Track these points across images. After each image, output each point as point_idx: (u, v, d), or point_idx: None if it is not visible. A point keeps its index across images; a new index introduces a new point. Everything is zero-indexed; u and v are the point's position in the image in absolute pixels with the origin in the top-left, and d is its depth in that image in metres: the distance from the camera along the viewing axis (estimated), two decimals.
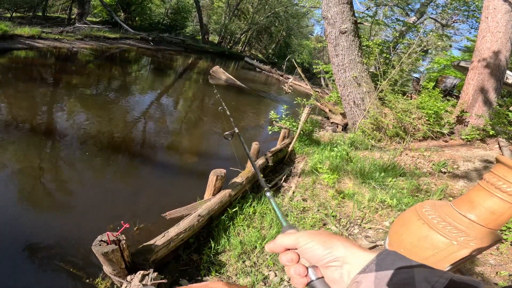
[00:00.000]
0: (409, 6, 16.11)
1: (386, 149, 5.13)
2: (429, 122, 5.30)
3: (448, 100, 5.79)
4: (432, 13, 15.65)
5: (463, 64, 9.88)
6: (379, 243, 2.57)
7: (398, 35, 12.87)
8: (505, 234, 2.55)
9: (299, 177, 3.80)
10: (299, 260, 0.47)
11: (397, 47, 9.49)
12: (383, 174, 3.75)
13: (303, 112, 4.16)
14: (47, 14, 15.30)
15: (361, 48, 5.91)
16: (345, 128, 6.98)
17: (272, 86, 14.75)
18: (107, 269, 1.70)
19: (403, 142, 5.13)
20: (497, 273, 2.24)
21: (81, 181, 3.05)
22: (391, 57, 7.82)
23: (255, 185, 3.35)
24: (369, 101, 5.76)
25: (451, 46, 18.49)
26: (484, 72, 5.33)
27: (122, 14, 18.59)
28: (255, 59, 22.56)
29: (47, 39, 10.13)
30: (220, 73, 11.09)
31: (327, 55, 22.54)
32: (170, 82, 9.79)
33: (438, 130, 5.36)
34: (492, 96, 5.36)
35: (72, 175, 3.11)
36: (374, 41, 6.91)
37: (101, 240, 1.60)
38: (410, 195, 3.45)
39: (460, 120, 5.60)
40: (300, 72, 8.72)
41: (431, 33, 10.21)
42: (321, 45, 32.88)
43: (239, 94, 9.88)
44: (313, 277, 0.45)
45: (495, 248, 2.47)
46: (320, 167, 3.61)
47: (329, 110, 7.88)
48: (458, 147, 5.09)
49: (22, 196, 2.63)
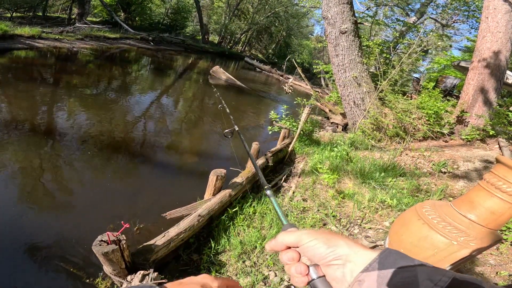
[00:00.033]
0: (409, 6, 16.12)
1: (386, 149, 5.13)
2: (429, 122, 5.29)
3: (448, 100, 5.79)
4: (432, 13, 15.66)
5: (463, 64, 9.88)
6: (379, 243, 2.57)
7: (398, 35, 12.87)
8: (505, 234, 2.55)
9: (299, 177, 3.80)
10: (300, 258, 0.47)
11: (397, 47, 9.48)
12: (383, 174, 3.75)
13: (303, 112, 4.16)
14: (47, 14, 15.31)
15: (361, 48, 5.91)
16: (345, 128, 6.98)
17: (272, 86, 14.75)
18: (107, 269, 1.70)
19: (403, 142, 5.13)
20: (497, 273, 2.24)
21: (81, 181, 3.05)
22: (391, 57, 7.82)
23: (255, 185, 3.35)
24: (369, 101, 5.76)
25: (451, 46, 18.50)
26: (484, 72, 5.33)
27: (122, 14, 18.60)
28: (255, 59, 22.57)
29: (47, 39, 10.14)
30: (220, 73, 11.09)
31: (327, 55, 22.53)
32: (170, 82, 9.79)
33: (438, 130, 5.36)
34: (492, 96, 5.36)
35: (72, 175, 3.11)
36: (374, 41, 6.91)
37: (102, 240, 1.60)
38: (410, 195, 3.45)
39: (460, 120, 5.60)
40: (300, 72, 8.71)
41: (431, 33, 10.21)
42: (321, 45, 32.87)
43: (239, 94, 9.88)
44: (314, 276, 0.44)
45: (495, 248, 2.47)
46: (320, 167, 3.62)
47: (329, 110, 7.88)
48: (458, 147, 5.09)
49: (22, 196, 2.63)
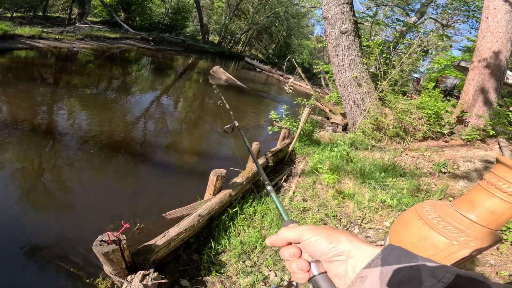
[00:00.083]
0: (410, 6, 16.11)
1: (386, 149, 5.13)
2: (429, 122, 5.29)
3: (448, 100, 5.78)
4: (433, 13, 15.65)
5: (463, 64, 9.88)
6: (379, 243, 2.57)
7: (399, 35, 12.86)
8: (505, 234, 2.55)
9: (299, 177, 3.80)
10: (302, 254, 0.46)
11: (397, 47, 9.48)
12: (383, 174, 3.75)
13: (303, 112, 4.16)
14: (48, 14, 15.32)
15: (362, 48, 5.91)
16: (345, 128, 6.98)
17: (272, 86, 14.75)
18: (107, 269, 1.70)
19: (403, 142, 5.12)
20: (497, 273, 2.24)
21: (81, 180, 3.05)
22: (391, 57, 7.81)
23: (255, 185, 3.35)
24: (369, 101, 5.76)
25: (451, 46, 18.48)
26: (484, 72, 5.33)
27: (123, 14, 18.60)
28: (255, 59, 22.57)
29: (48, 39, 10.14)
30: (220, 73, 11.09)
31: (327, 55, 22.52)
32: (170, 82, 9.79)
33: (438, 130, 5.35)
34: (493, 96, 5.36)
35: (73, 174, 3.11)
36: (375, 41, 6.91)
37: (102, 240, 1.60)
38: (410, 195, 3.45)
39: (460, 120, 5.60)
40: (300, 72, 8.71)
41: (431, 33, 10.20)
42: (321, 45, 32.86)
43: (239, 94, 9.88)
44: (316, 272, 0.44)
45: (495, 248, 2.47)
46: (320, 167, 3.62)
47: (329, 110, 7.88)
48: (458, 147, 5.09)
49: (23, 196, 2.63)
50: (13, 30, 9.05)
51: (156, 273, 1.70)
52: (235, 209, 2.71)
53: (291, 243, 0.48)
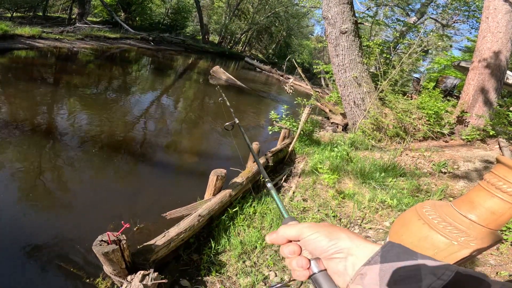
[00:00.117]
0: (410, 6, 16.11)
1: (386, 149, 5.13)
2: (429, 122, 5.29)
3: (448, 100, 5.78)
4: (433, 13, 15.65)
5: (463, 64, 9.88)
6: (380, 243, 2.57)
7: (399, 35, 12.86)
8: (505, 235, 2.55)
9: (299, 177, 3.80)
10: (301, 252, 0.46)
11: (397, 47, 9.48)
12: (383, 174, 3.75)
13: (303, 112, 4.16)
14: (48, 14, 15.32)
15: (362, 48, 5.91)
16: (345, 128, 6.98)
17: (272, 86, 14.75)
18: (107, 269, 1.70)
19: (403, 142, 5.12)
20: (497, 273, 2.24)
21: (81, 180, 3.05)
22: (391, 57, 7.81)
23: (256, 185, 3.35)
24: (370, 101, 5.76)
25: (451, 46, 18.49)
26: (484, 72, 5.33)
27: (123, 14, 18.60)
28: (255, 59, 22.57)
29: (48, 39, 10.14)
30: (220, 73, 11.09)
31: (327, 55, 22.53)
32: (171, 82, 9.79)
33: (439, 130, 5.35)
34: (493, 96, 5.36)
35: (73, 174, 3.11)
36: (375, 41, 6.91)
37: (102, 240, 1.60)
38: (411, 195, 3.45)
39: (461, 120, 5.60)
40: (301, 72, 8.71)
41: (431, 33, 10.20)
42: (321, 45, 32.85)
43: (240, 94, 9.88)
44: (316, 270, 0.44)
45: (495, 248, 2.47)
46: (320, 167, 3.61)
47: (329, 110, 7.88)
48: (458, 148, 5.08)
49: (23, 196, 2.63)
50: (13, 30, 9.05)
51: (156, 273, 1.70)
52: (235, 209, 2.70)
53: (291, 241, 0.48)
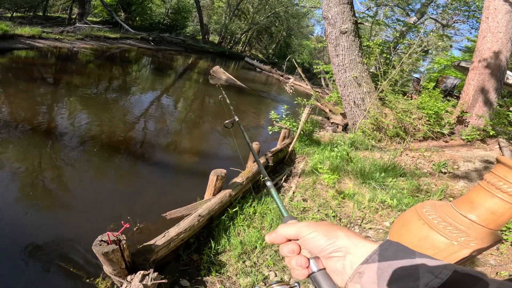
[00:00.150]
0: (410, 7, 16.10)
1: (386, 149, 5.13)
2: (429, 122, 5.29)
3: (448, 100, 5.78)
4: (433, 13, 15.64)
5: (463, 64, 9.88)
6: (379, 242, 2.57)
7: (399, 35, 12.85)
8: (505, 235, 2.55)
9: (299, 177, 3.80)
10: (301, 251, 0.46)
11: (397, 47, 9.48)
12: (383, 174, 3.75)
13: (303, 112, 4.16)
14: (48, 14, 15.32)
15: (362, 48, 5.91)
16: (345, 128, 6.98)
17: (273, 86, 14.74)
18: (107, 269, 1.70)
19: (403, 142, 5.12)
20: (497, 273, 2.24)
21: (81, 180, 3.05)
22: (391, 57, 7.81)
23: (256, 185, 3.35)
24: (370, 101, 5.76)
25: (451, 46, 18.49)
26: (484, 73, 5.33)
27: (123, 14, 18.60)
28: (255, 59, 22.57)
29: (48, 39, 10.14)
30: (220, 73, 11.09)
31: (327, 55, 22.53)
32: (171, 82, 9.79)
33: (439, 130, 5.35)
34: (493, 96, 5.36)
35: (73, 174, 3.11)
36: (375, 41, 6.91)
37: (102, 240, 1.60)
38: (411, 195, 3.45)
39: (461, 121, 5.60)
40: (301, 72, 8.71)
41: (431, 33, 10.21)
42: (321, 45, 32.83)
43: (240, 94, 9.88)
44: (315, 269, 0.44)
45: (495, 248, 2.47)
46: (320, 167, 3.61)
47: (329, 110, 7.88)
48: (458, 148, 5.08)
49: (23, 196, 2.63)
50: (13, 30, 9.05)
51: (156, 273, 1.70)
52: (235, 209, 2.70)
53: (290, 240, 0.48)
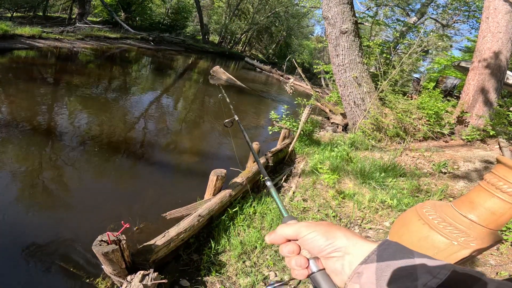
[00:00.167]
0: (410, 7, 16.09)
1: (386, 149, 5.13)
2: (429, 122, 5.29)
3: (448, 100, 5.79)
4: (433, 13, 15.63)
5: (463, 64, 9.88)
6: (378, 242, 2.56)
7: (399, 35, 12.86)
8: (505, 235, 2.55)
9: (299, 177, 3.80)
10: (300, 251, 0.46)
11: (397, 47, 9.48)
12: (383, 174, 3.75)
13: (303, 112, 4.16)
14: (48, 14, 15.32)
15: (362, 48, 5.91)
16: (345, 128, 6.98)
17: (273, 86, 14.74)
18: (107, 269, 1.70)
19: (404, 142, 5.12)
20: (497, 273, 2.24)
21: (81, 181, 3.05)
22: (391, 57, 7.82)
23: (256, 185, 3.35)
24: (370, 101, 5.76)
25: (451, 46, 18.50)
26: (484, 73, 5.33)
27: (123, 14, 18.60)
28: (255, 59, 22.57)
29: (48, 39, 10.14)
30: (220, 73, 11.09)
31: (327, 55, 22.54)
32: (171, 82, 9.79)
33: (439, 130, 5.35)
34: (493, 96, 5.36)
35: (73, 175, 3.11)
36: (375, 41, 6.91)
37: (102, 240, 1.60)
38: (411, 195, 3.45)
39: (461, 121, 5.60)
40: (301, 72, 8.72)
41: (431, 33, 10.21)
42: (321, 45, 32.73)
43: (240, 94, 9.88)
44: (314, 269, 0.44)
45: (495, 248, 2.47)
46: (320, 167, 3.61)
47: (330, 110, 7.88)
48: (458, 148, 5.08)
49: (23, 196, 2.63)
50: (13, 30, 9.05)
51: (156, 273, 1.70)
52: (235, 209, 2.70)
53: (290, 240, 0.48)
